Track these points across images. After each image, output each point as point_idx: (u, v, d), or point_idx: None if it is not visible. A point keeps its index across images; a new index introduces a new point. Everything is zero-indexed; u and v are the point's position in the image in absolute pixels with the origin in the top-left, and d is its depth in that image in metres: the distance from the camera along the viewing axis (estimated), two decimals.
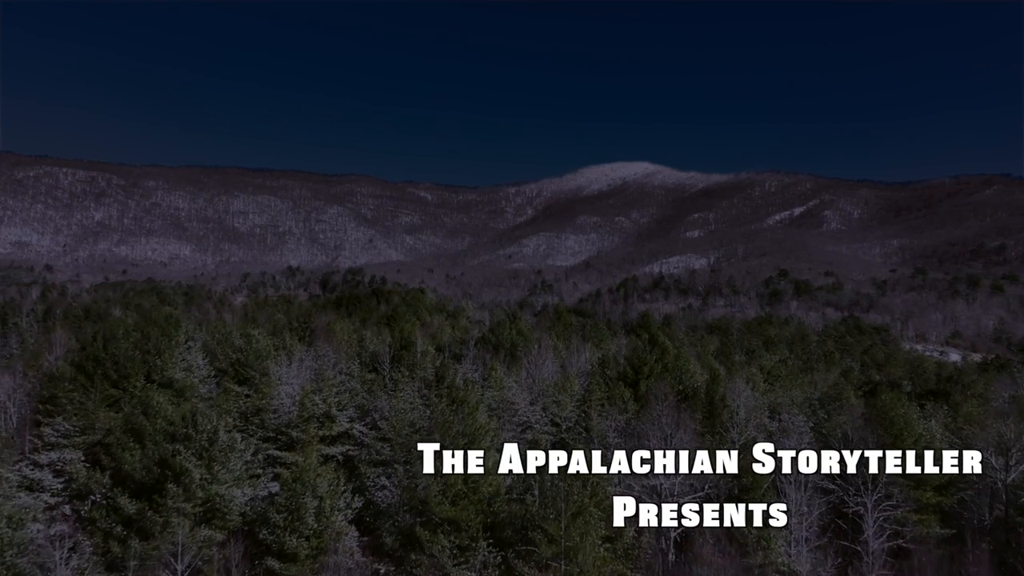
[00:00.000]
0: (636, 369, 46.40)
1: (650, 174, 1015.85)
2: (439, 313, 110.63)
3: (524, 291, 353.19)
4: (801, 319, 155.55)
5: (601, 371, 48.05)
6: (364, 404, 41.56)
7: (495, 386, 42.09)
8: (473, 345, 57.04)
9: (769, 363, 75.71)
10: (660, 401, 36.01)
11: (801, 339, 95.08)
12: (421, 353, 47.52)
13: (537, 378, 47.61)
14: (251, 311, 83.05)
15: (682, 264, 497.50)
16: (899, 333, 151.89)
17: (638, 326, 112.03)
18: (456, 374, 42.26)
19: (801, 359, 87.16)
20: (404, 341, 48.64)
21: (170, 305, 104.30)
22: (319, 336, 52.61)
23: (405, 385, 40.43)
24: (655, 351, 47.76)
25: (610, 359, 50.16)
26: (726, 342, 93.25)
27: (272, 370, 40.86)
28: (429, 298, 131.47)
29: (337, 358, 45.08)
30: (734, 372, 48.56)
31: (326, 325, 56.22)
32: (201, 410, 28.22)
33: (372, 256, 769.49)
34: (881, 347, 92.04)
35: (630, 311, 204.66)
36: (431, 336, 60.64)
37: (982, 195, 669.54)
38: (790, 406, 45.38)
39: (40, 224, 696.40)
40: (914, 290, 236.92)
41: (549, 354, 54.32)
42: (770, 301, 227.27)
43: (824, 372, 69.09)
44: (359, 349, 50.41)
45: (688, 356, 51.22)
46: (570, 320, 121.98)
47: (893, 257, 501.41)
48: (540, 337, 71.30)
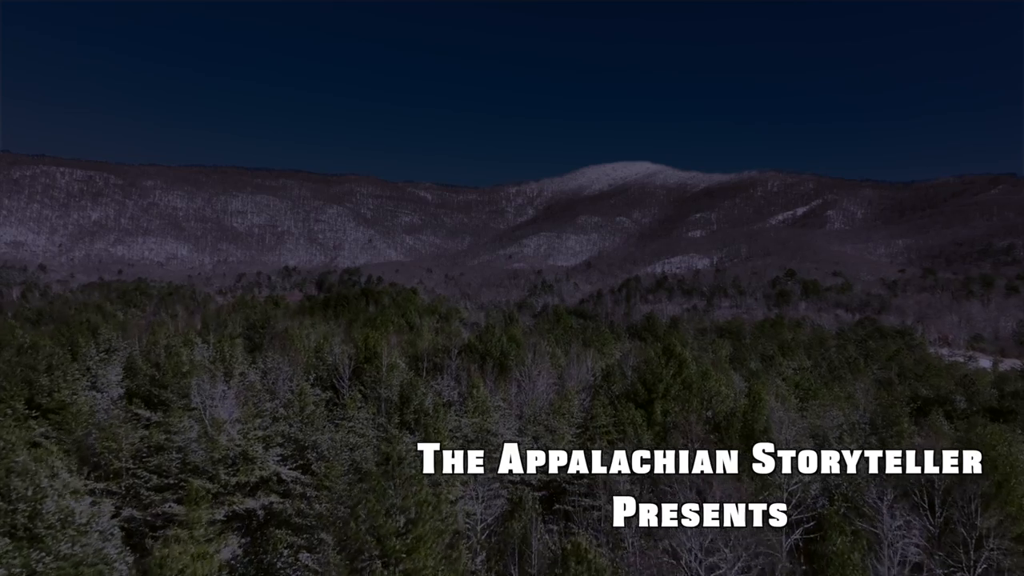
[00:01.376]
0: (649, 387, 38.58)
1: (651, 174, 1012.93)
2: (430, 315, 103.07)
3: (524, 292, 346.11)
4: (814, 321, 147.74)
5: (606, 386, 40.40)
6: (301, 438, 32.04)
7: (476, 409, 34.08)
8: (456, 354, 49.03)
9: (790, 372, 67.89)
10: (685, 434, 28.39)
11: (819, 344, 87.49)
12: (388, 367, 39.27)
13: (530, 395, 39.75)
14: (207, 316, 74.97)
15: (684, 264, 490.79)
16: (919, 336, 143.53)
17: (643, 329, 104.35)
18: (425, 396, 34.26)
19: (822, 366, 79.45)
20: (368, 352, 40.27)
21: (136, 307, 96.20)
22: (274, 344, 44.79)
23: (357, 411, 32.46)
24: (671, 364, 39.82)
25: (616, 371, 42.51)
26: (739, 347, 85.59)
27: (196, 391, 32.29)
28: (421, 299, 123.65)
29: (292, 371, 37.37)
30: (760, 387, 40.47)
31: (283, 332, 48.16)
32: (22, 466, 19.78)
33: (371, 256, 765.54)
34: (907, 353, 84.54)
35: (633, 312, 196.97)
36: (409, 344, 52.73)
37: (988, 194, 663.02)
38: (837, 433, 37.50)
39: (36, 224, 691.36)
40: (926, 291, 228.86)
41: (546, 364, 46.78)
42: (777, 302, 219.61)
43: (851, 381, 61.44)
44: (316, 361, 42.39)
45: (712, 370, 43.30)
46: (570, 322, 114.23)
47: (899, 257, 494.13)
48: (536, 343, 63.54)
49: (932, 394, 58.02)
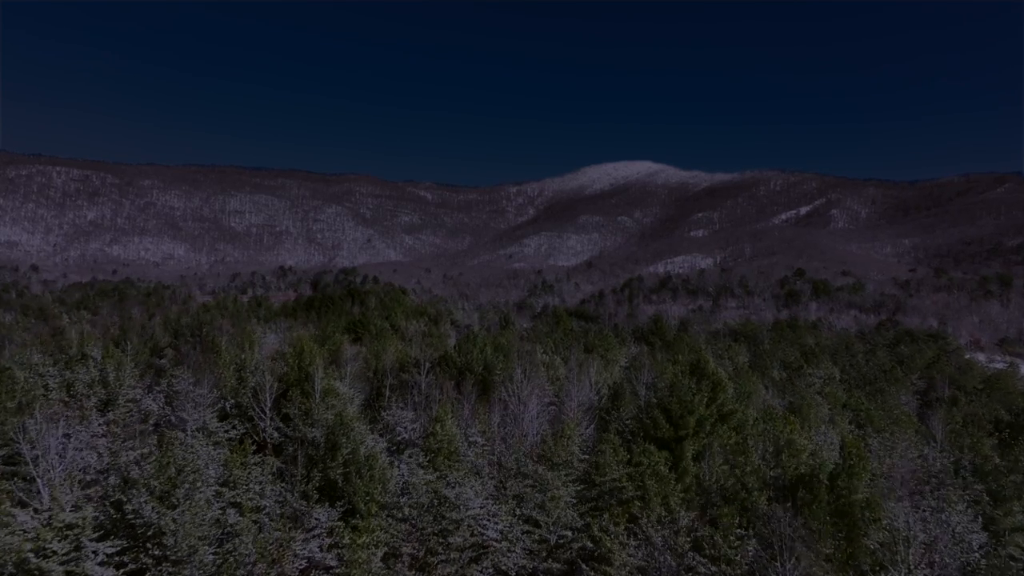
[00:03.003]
0: (676, 421, 28.99)
1: (653, 173, 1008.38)
2: (418, 317, 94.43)
3: (524, 292, 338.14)
4: (831, 322, 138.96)
5: (615, 412, 31.60)
6: (153, 520, 21.45)
7: (438, 454, 24.47)
8: (429, 369, 39.59)
9: (818, 382, 59.15)
10: (736, 501, 19.28)
11: (846, 349, 78.95)
12: (321, 393, 29.86)
13: (519, 424, 30.69)
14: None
15: (687, 264, 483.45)
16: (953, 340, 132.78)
17: (650, 332, 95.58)
18: (361, 442, 24.77)
19: (851, 374, 70.76)
20: (298, 372, 30.57)
21: (87, 310, 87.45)
22: (195, 359, 35.92)
23: (250, 468, 22.76)
24: (703, 386, 30.69)
25: (625, 389, 33.92)
26: (757, 353, 76.91)
27: (32, 429, 23.12)
28: (410, 299, 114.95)
29: (209, 396, 28.43)
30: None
31: (210, 342, 38.95)
32: None
33: (370, 256, 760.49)
34: (946, 360, 75.94)
35: (637, 313, 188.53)
36: (373, 355, 43.75)
37: (994, 193, 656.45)
38: (929, 482, 28.56)
39: (31, 223, 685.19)
40: (941, 291, 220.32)
41: (540, 378, 38.25)
42: (786, 302, 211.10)
43: (893, 395, 52.92)
44: (237, 385, 32.93)
45: (762, 393, 34.31)
46: (571, 325, 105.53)
47: (906, 256, 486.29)
48: (531, 350, 54.78)
49: (1013, 417, 48.91)
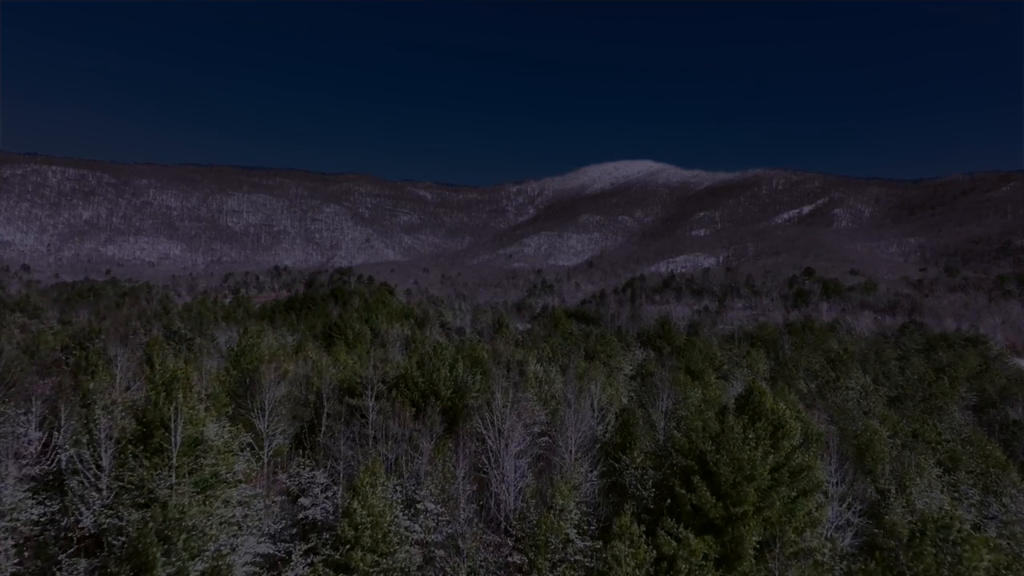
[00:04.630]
0: (726, 491, 18.94)
1: (654, 172, 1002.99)
2: (403, 320, 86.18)
3: (523, 292, 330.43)
4: (849, 324, 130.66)
5: (626, 454, 23.32)
6: None
7: (356, 547, 14.57)
8: (382, 393, 30.33)
9: (857, 396, 50.85)
10: None
11: (876, 355, 70.61)
12: (183, 444, 19.56)
13: (494, 471, 22.03)
14: (64, 324, 58.34)
15: (690, 263, 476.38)
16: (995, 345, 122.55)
17: (657, 336, 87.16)
18: (194, 552, 14.93)
19: (884, 385, 62.49)
20: (155, 410, 20.03)
21: (23, 312, 79.46)
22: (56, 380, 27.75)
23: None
24: (760, 430, 20.53)
25: (638, 420, 25.69)
26: (780, 360, 68.69)
27: None
28: (396, 300, 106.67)
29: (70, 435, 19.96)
30: (868, 441, 22.53)
31: (72, 366, 30.16)
32: None
33: (369, 256, 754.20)
34: (995, 369, 67.82)
35: (640, 314, 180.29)
36: (317, 373, 35.23)
37: (999, 192, 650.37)
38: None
39: (25, 223, 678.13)
40: (956, 290, 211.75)
41: (528, 401, 30.14)
42: (795, 303, 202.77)
43: (950, 413, 45.01)
44: (86, 421, 23.75)
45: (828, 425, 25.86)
46: (570, 328, 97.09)
47: (912, 256, 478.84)
48: (522, 359, 46.47)
49: None
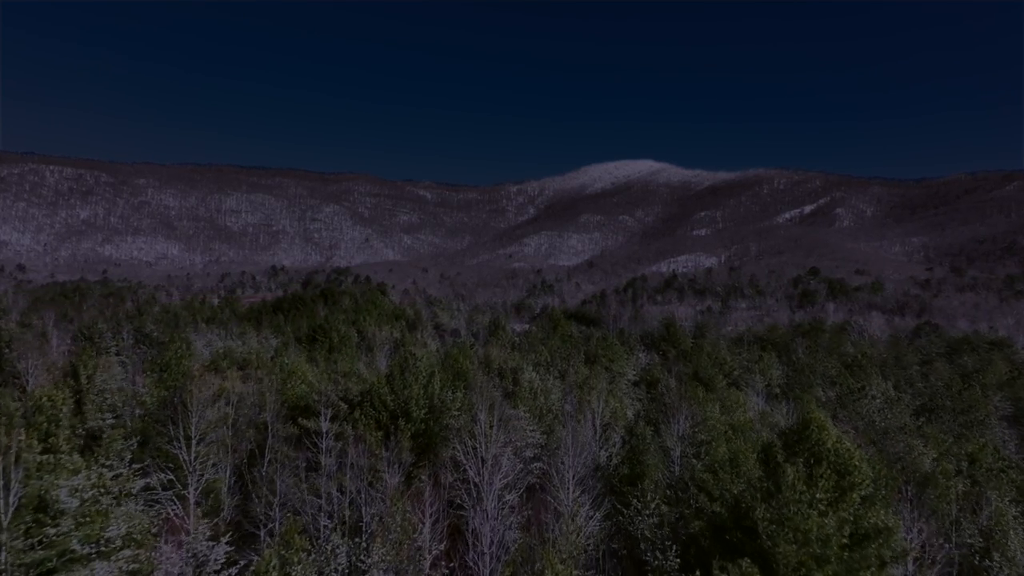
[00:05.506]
0: (766, 555, 13.91)
1: (654, 172, 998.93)
2: (394, 321, 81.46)
3: (523, 292, 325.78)
4: (860, 326, 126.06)
5: (636, 495, 18.24)
6: None
7: None
8: (340, 414, 24.74)
9: (881, 406, 46.22)
10: None
11: (895, 360, 65.78)
12: (25, 506, 14.05)
13: (474, 515, 17.07)
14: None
15: (691, 263, 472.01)
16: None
17: (661, 339, 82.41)
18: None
19: (907, 394, 57.79)
20: None
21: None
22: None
23: None
24: (818, 477, 15.47)
25: (649, 447, 20.86)
26: (793, 365, 64.01)
27: None
28: (388, 301, 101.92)
29: None
30: (933, 483, 17.57)
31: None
32: None
33: (368, 256, 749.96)
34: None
35: (642, 315, 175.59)
36: (260, 393, 30.37)
37: (1003, 191, 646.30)
38: None
39: (21, 223, 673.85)
40: (965, 290, 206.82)
41: (521, 417, 25.61)
42: (801, 303, 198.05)
43: (993, 427, 40.47)
44: None
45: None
46: (570, 329, 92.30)
47: (916, 255, 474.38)
48: (517, 368, 41.81)
49: None
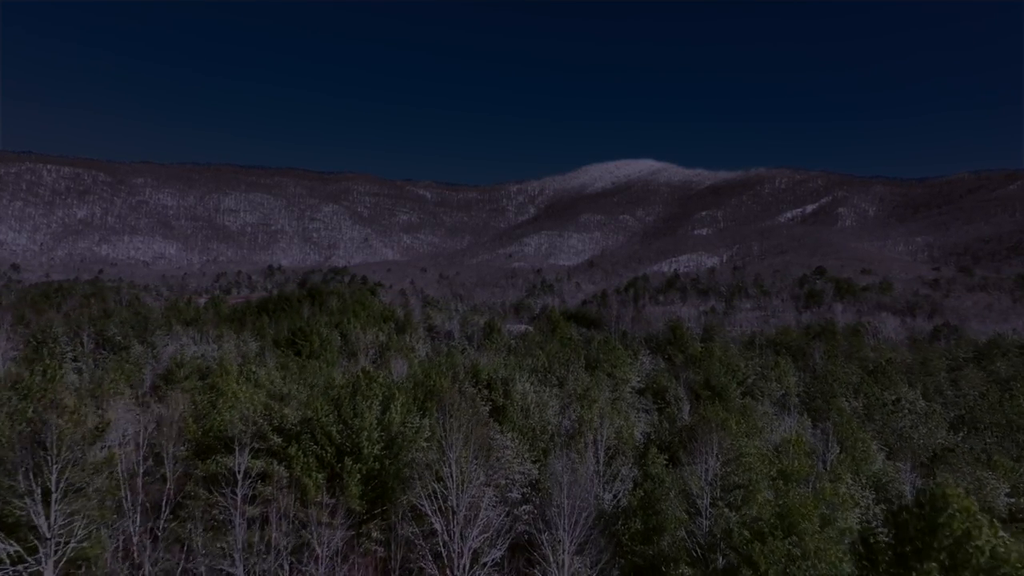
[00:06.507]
0: None
1: (655, 171, 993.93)
2: (382, 324, 76.21)
3: (522, 292, 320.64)
4: (874, 326, 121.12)
5: (650, 544, 14.13)
6: None
7: None
8: (273, 450, 19.70)
9: (913, 420, 41.20)
10: None
11: (922, 366, 60.79)
12: None
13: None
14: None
15: (693, 263, 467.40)
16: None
17: (667, 342, 77.15)
18: None
19: (938, 405, 52.62)
20: None
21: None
22: None
23: None
24: (918, 539, 11.63)
25: (668, 492, 15.90)
26: (811, 372, 58.84)
27: None
28: (378, 301, 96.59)
29: None
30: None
31: None
32: None
33: (367, 256, 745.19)
34: None
35: (644, 316, 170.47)
36: (198, 415, 25.30)
37: (1006, 190, 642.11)
38: None
39: (18, 222, 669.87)
40: (975, 290, 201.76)
41: (506, 443, 20.84)
42: (807, 303, 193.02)
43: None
44: None
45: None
46: (569, 332, 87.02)
47: (920, 255, 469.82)
48: (507, 378, 36.72)
49: None
